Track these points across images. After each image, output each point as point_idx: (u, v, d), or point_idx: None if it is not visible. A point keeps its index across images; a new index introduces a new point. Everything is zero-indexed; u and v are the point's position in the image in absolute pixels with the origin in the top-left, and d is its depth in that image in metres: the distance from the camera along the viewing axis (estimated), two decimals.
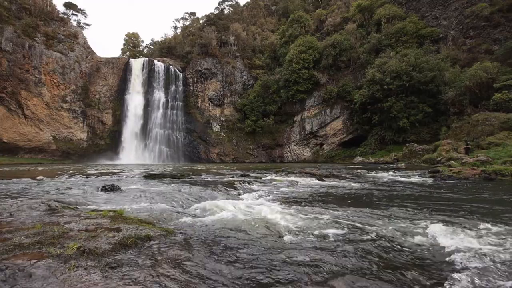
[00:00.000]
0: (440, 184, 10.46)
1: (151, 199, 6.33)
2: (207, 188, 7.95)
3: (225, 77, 54.89)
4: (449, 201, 6.72)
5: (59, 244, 2.62)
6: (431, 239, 3.54)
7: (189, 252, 2.88)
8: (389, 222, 4.46)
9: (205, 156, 51.68)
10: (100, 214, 4.06)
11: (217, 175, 13.26)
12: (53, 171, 16.71)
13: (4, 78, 40.45)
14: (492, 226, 4.14)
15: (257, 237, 3.57)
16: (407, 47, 38.89)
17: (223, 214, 5.02)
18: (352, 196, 7.69)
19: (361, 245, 3.30)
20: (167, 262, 2.53)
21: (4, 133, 41.60)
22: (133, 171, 16.63)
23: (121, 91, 51.93)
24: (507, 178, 11.30)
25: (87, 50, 50.50)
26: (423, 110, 33.76)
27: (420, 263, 2.82)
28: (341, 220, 4.57)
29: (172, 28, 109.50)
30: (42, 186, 8.58)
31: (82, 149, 48.32)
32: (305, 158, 47.53)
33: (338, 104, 45.35)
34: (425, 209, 5.59)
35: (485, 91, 27.91)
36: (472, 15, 35.68)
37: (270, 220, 4.55)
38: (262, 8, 75.74)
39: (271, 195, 7.81)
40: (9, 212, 4.00)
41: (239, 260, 2.77)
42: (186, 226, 4.17)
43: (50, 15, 48.19)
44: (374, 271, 2.55)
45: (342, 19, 53.26)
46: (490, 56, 32.01)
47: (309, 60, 46.09)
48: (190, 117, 53.35)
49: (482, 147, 21.01)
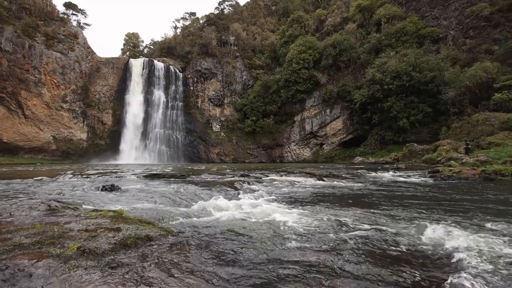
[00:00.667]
0: (440, 184, 10.46)
1: (151, 199, 6.33)
2: (207, 188, 7.94)
3: (225, 77, 54.89)
4: (449, 201, 6.72)
5: (59, 244, 2.61)
6: (432, 239, 3.53)
7: (189, 253, 2.88)
8: (390, 222, 4.46)
9: (205, 156, 51.69)
10: (100, 214, 4.05)
11: (217, 175, 13.25)
12: (53, 171, 16.70)
13: (4, 78, 40.46)
14: (494, 226, 4.13)
15: (257, 238, 3.57)
16: (407, 47, 38.88)
17: (223, 214, 5.02)
18: (352, 196, 7.68)
19: (363, 245, 3.30)
20: (167, 262, 2.53)
21: (4, 133, 41.61)
22: (133, 171, 16.63)
23: (121, 91, 51.94)
24: (507, 178, 11.29)
25: (87, 50, 50.50)
26: (423, 110, 33.77)
27: (422, 263, 2.82)
28: (341, 220, 4.57)
29: (172, 28, 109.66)
30: (42, 186, 8.58)
31: (82, 149, 48.32)
32: (305, 158, 47.54)
33: (338, 104, 45.35)
34: (426, 209, 5.59)
35: (485, 91, 27.91)
36: (472, 15, 35.68)
37: (270, 220, 4.55)
38: (262, 8, 75.76)
39: (271, 195, 7.80)
40: (9, 212, 4.00)
41: (239, 260, 2.77)
42: (186, 226, 4.17)
43: (50, 15, 48.20)
44: (376, 272, 2.54)
45: (342, 19, 53.28)
46: (490, 56, 32.02)
47: (309, 60, 46.11)
48: (190, 117, 53.36)
49: (482, 147, 21.01)
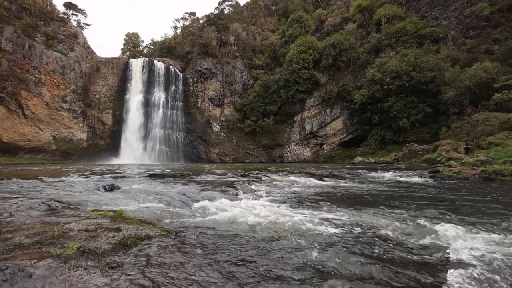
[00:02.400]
0: (440, 184, 10.45)
1: (151, 199, 6.32)
2: (207, 188, 7.94)
3: (225, 77, 54.91)
4: (449, 201, 6.72)
5: (59, 244, 2.61)
6: (432, 239, 3.53)
7: (189, 253, 2.88)
8: (391, 222, 4.45)
9: (205, 156, 51.69)
10: (100, 214, 4.05)
11: (217, 175, 13.25)
12: (53, 171, 16.71)
13: (4, 78, 40.48)
14: (494, 226, 4.13)
15: (257, 238, 3.57)
16: (407, 47, 38.90)
17: (223, 214, 5.02)
18: (352, 196, 7.68)
19: (364, 245, 3.30)
20: (167, 262, 2.53)
21: (4, 133, 41.62)
22: (133, 171, 16.62)
23: (121, 91, 51.98)
24: (507, 178, 11.29)
25: (87, 50, 50.52)
26: (423, 110, 33.78)
27: (422, 262, 2.82)
28: (341, 220, 4.57)
29: (172, 28, 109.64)
30: (42, 186, 8.57)
31: (82, 149, 48.34)
32: (305, 158, 47.55)
33: (338, 104, 45.37)
34: (426, 209, 5.59)
35: (485, 91, 27.93)
36: (472, 15, 35.70)
37: (270, 220, 4.54)
38: (262, 8, 75.79)
39: (271, 195, 7.80)
40: (9, 212, 4.00)
41: (239, 260, 2.77)
42: (186, 226, 4.17)
43: (50, 15, 48.22)
44: (377, 271, 2.54)
45: (342, 19, 53.31)
46: (490, 56, 32.03)
47: (309, 60, 46.13)
48: (190, 117, 53.38)
49: (482, 147, 21.02)
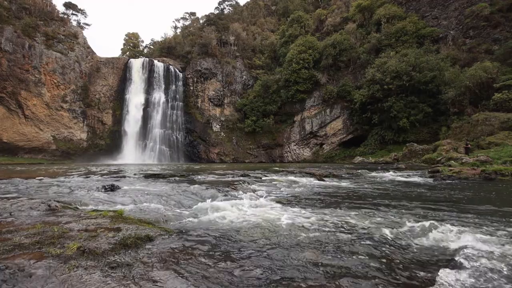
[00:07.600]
0: (440, 184, 10.45)
1: (151, 199, 6.33)
2: (207, 188, 7.93)
3: (225, 77, 54.90)
4: (449, 201, 6.72)
5: (59, 244, 2.61)
6: (432, 238, 3.53)
7: (189, 253, 2.88)
8: (390, 222, 4.46)
9: (205, 156, 51.69)
10: (100, 214, 4.05)
11: (217, 175, 13.25)
12: (53, 171, 16.71)
13: (4, 78, 40.47)
14: (494, 226, 4.13)
15: (257, 238, 3.57)
16: (407, 47, 38.87)
17: (223, 214, 5.02)
18: (352, 196, 7.68)
19: (364, 245, 3.30)
20: (167, 263, 2.53)
21: (4, 133, 41.62)
22: (133, 171, 16.63)
23: (121, 91, 51.96)
24: (507, 178, 11.29)
25: (87, 50, 50.51)
26: (423, 110, 33.78)
27: (423, 262, 2.82)
28: (342, 220, 4.57)
29: (172, 28, 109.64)
30: (42, 185, 8.57)
31: (82, 149, 48.33)
32: (305, 158, 47.55)
33: (338, 104, 45.37)
34: (425, 209, 5.59)
35: (485, 91, 27.92)
36: (472, 15, 35.68)
37: (270, 221, 4.54)
38: (262, 8, 75.74)
39: (272, 195, 7.80)
40: (9, 212, 4.00)
41: (239, 260, 2.77)
42: (186, 226, 4.17)
43: (50, 15, 48.21)
44: (377, 271, 2.54)
45: (342, 19, 53.26)
46: (490, 56, 32.01)
47: (309, 60, 46.11)
48: (190, 117, 53.38)
49: (482, 147, 21.01)
